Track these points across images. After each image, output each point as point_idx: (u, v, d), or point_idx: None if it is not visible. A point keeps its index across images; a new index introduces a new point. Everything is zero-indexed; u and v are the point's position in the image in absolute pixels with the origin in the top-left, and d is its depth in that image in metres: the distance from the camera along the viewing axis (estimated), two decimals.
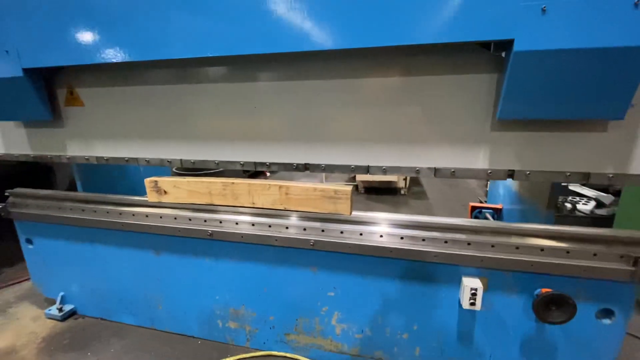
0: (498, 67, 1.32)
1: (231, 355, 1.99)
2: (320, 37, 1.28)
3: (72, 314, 2.40)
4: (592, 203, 3.70)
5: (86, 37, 1.52)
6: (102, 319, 2.37)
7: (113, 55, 1.51)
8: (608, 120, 1.27)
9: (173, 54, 1.45)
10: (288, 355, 1.97)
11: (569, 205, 3.61)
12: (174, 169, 4.36)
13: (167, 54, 1.46)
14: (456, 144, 1.46)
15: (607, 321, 1.49)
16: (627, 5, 1.04)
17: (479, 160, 1.44)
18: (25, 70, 1.68)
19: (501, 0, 1.11)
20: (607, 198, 3.68)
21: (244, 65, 1.61)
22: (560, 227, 1.48)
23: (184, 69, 1.70)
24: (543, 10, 1.08)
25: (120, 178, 2.83)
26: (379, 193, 5.55)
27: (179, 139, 1.81)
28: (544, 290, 1.46)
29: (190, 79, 1.71)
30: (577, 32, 1.07)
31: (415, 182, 6.19)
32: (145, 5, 1.42)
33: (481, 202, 3.95)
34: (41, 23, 1.57)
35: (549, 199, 1.77)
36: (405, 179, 5.36)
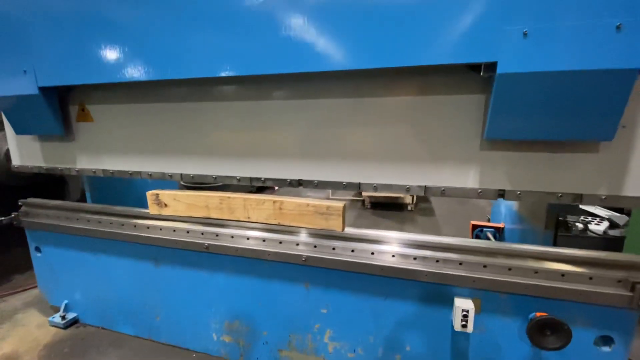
0: (486, 88, 1.34)
1: None
2: (332, 59, 1.32)
3: (74, 322, 2.46)
4: (605, 223, 3.57)
5: (100, 57, 1.63)
6: (102, 328, 2.41)
7: (127, 74, 1.60)
8: (598, 141, 1.26)
9: (190, 73, 1.52)
10: None
11: (580, 225, 3.50)
12: (181, 182, 4.45)
13: (183, 74, 1.53)
14: (446, 163, 1.46)
15: (606, 349, 1.42)
16: (609, 28, 1.05)
17: (469, 179, 1.44)
18: (41, 89, 1.80)
19: (485, 24, 1.14)
20: (621, 218, 3.55)
21: (244, 84, 1.68)
22: (554, 249, 1.44)
23: (189, 88, 1.78)
24: (524, 34, 1.10)
25: (128, 190, 2.93)
26: (385, 208, 5.51)
27: (179, 154, 1.88)
28: (539, 314, 1.42)
29: (193, 97, 1.79)
30: (558, 55, 1.08)
31: (422, 198, 6.13)
32: (161, 26, 1.49)
33: (489, 220, 3.87)
34: (57, 44, 1.69)
35: (546, 220, 1.73)
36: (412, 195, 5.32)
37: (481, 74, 1.25)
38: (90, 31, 1.62)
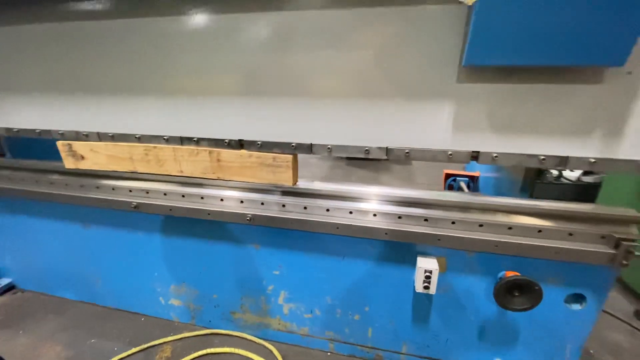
0: None
1: (174, 334, 1.84)
2: None
3: (9, 288, 2.22)
4: (580, 170, 3.50)
5: None
6: (43, 293, 2.19)
7: None
8: (608, 66, 0.98)
9: None
10: (233, 333, 1.82)
11: (554, 172, 3.41)
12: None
13: None
14: (417, 104, 1.15)
15: (577, 306, 1.31)
16: None
17: (443, 121, 1.15)
18: None
19: None
20: None
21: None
22: (532, 202, 1.24)
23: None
24: None
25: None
26: (361, 158, 5.28)
27: (95, 105, 1.48)
28: (508, 273, 1.27)
29: (94, 14, 1.34)
30: None
31: None
32: None
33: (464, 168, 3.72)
34: None
35: (526, 168, 1.52)
36: None
37: None
38: None
